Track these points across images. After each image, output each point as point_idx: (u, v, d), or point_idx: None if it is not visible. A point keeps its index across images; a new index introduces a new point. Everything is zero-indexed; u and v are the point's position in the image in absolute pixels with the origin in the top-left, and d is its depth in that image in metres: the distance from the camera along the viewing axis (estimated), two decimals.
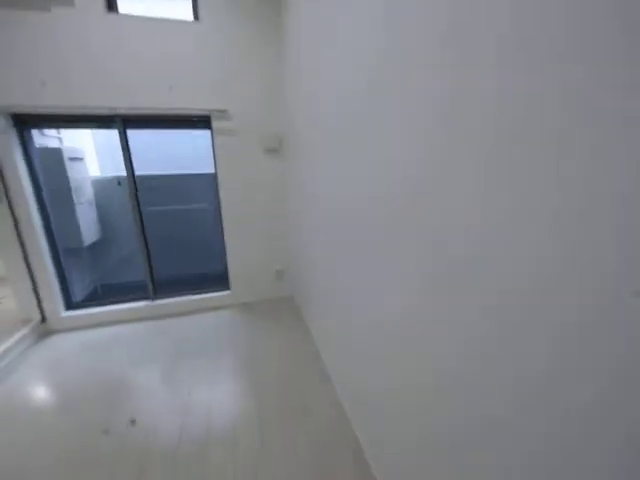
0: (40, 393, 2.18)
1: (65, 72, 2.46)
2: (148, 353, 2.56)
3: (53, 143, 3.10)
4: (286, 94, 2.85)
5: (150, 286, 3.17)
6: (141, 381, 2.25)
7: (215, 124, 2.84)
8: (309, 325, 2.83)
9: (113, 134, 2.75)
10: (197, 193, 3.58)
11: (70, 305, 3.06)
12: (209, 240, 3.48)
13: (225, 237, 3.18)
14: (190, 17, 2.71)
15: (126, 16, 2.53)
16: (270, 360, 2.42)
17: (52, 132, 3.08)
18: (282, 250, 3.39)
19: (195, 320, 3.08)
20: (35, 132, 2.73)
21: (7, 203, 2.56)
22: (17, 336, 2.61)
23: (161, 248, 3.31)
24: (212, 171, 3.05)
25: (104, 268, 3.69)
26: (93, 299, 3.22)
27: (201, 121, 2.86)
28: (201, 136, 3.04)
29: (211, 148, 2.97)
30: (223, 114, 2.82)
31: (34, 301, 2.83)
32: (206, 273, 3.60)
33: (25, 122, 2.56)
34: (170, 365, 2.40)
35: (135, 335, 2.83)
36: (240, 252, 3.25)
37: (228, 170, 3.00)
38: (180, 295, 3.27)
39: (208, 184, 3.23)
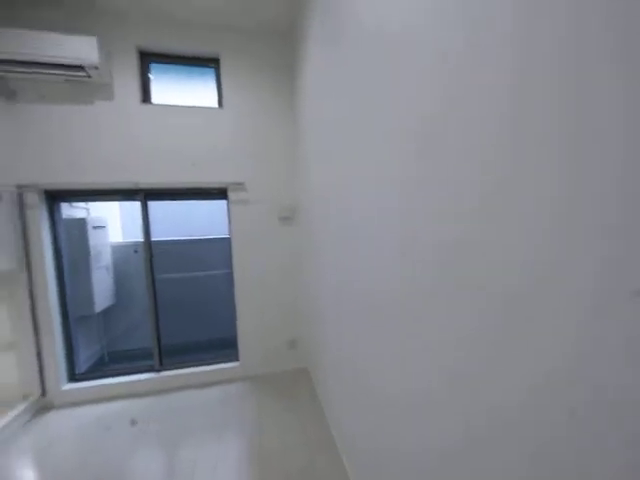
0: None
1: (97, 152, 2.69)
2: (150, 435, 2.32)
3: (80, 213, 3.29)
4: (298, 170, 3.01)
5: (156, 355, 3.03)
6: (140, 471, 1.99)
7: (231, 195, 2.97)
8: (322, 402, 2.55)
9: (136, 204, 2.90)
10: (211, 258, 3.62)
11: (73, 377, 2.92)
12: (220, 307, 3.40)
13: (236, 304, 3.10)
14: (215, 105, 3.02)
15: (158, 105, 2.84)
16: (279, 445, 2.14)
17: (80, 203, 3.28)
18: (295, 319, 3.24)
19: (201, 395, 2.85)
20: (64, 204, 2.90)
21: (27, 273, 2.62)
22: (11, 414, 2.45)
23: (171, 315, 3.24)
24: (227, 236, 3.10)
25: (113, 334, 3.61)
26: (99, 368, 3.08)
27: (218, 192, 3.00)
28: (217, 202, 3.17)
29: (226, 214, 3.06)
30: (239, 186, 2.96)
31: (36, 372, 2.72)
32: (215, 342, 3.44)
33: (55, 197, 2.75)
34: (173, 448, 2.16)
35: (138, 413, 2.61)
36: (250, 320, 3.13)
37: (242, 238, 3.05)
38: (187, 366, 3.08)
39: (222, 249, 3.26)
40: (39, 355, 2.72)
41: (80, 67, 2.43)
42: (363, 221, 1.42)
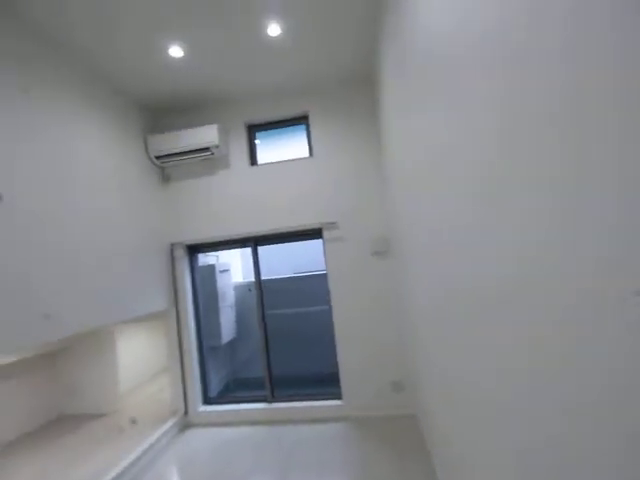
0: None
1: (219, 211, 3.34)
2: (262, 463, 2.51)
3: (211, 260, 4.05)
4: (388, 205, 3.00)
5: (268, 386, 3.30)
6: None
7: (326, 234, 3.16)
8: (432, 455, 2.23)
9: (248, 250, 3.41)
10: (315, 293, 3.83)
11: (207, 400, 3.44)
12: (323, 343, 3.50)
13: (336, 341, 3.14)
14: (306, 154, 3.38)
15: (262, 165, 3.37)
16: None
17: (210, 252, 4.06)
18: (398, 359, 3.04)
19: (308, 431, 2.91)
20: (201, 255, 3.64)
21: (175, 310, 3.35)
22: (164, 428, 3.03)
23: (280, 348, 3.52)
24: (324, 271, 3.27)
25: (236, 364, 4.13)
26: (225, 394, 3.55)
27: (315, 232, 3.24)
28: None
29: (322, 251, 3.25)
30: (332, 225, 3.13)
31: (181, 394, 3.32)
32: (320, 377, 3.52)
33: (193, 249, 3.49)
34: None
35: (253, 442, 2.85)
36: (350, 358, 3.10)
37: (338, 274, 3.15)
38: (294, 400, 3.23)
39: (322, 284, 3.44)
40: (183, 378, 3.33)
41: (207, 148, 3.14)
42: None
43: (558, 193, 0.57)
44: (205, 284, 3.66)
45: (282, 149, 3.55)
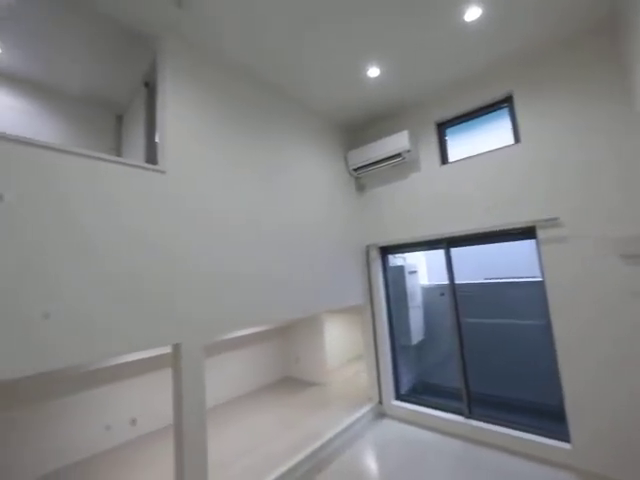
0: (365, 474, 2.59)
1: (410, 214, 3.41)
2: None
3: (399, 262, 4.20)
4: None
5: (465, 400, 3.06)
6: None
7: (541, 233, 2.60)
8: None
9: (439, 252, 3.30)
10: (518, 304, 3.25)
11: (398, 395, 3.58)
12: (535, 365, 2.90)
13: (559, 366, 2.52)
14: (509, 142, 2.91)
15: (453, 163, 3.18)
16: None
17: (399, 255, 4.21)
18: None
19: (516, 465, 2.49)
20: (390, 256, 3.86)
21: (370, 306, 3.69)
22: (363, 410, 3.39)
23: (477, 362, 3.19)
24: (536, 279, 2.70)
25: (423, 367, 4.08)
26: (413, 394, 3.59)
27: (522, 232, 2.74)
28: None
29: (531, 255, 2.69)
30: (552, 222, 2.54)
31: (376, 384, 3.61)
32: (534, 405, 2.92)
33: (385, 251, 3.72)
34: None
35: (447, 453, 2.73)
36: (585, 392, 2.39)
37: (561, 283, 2.52)
38: (499, 423, 2.84)
39: (532, 294, 2.85)
40: (378, 369, 3.61)
41: (398, 154, 3.29)
42: None
43: None
44: (395, 284, 3.83)
45: (474, 143, 3.23)
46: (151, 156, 2.67)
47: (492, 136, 3.10)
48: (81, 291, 1.63)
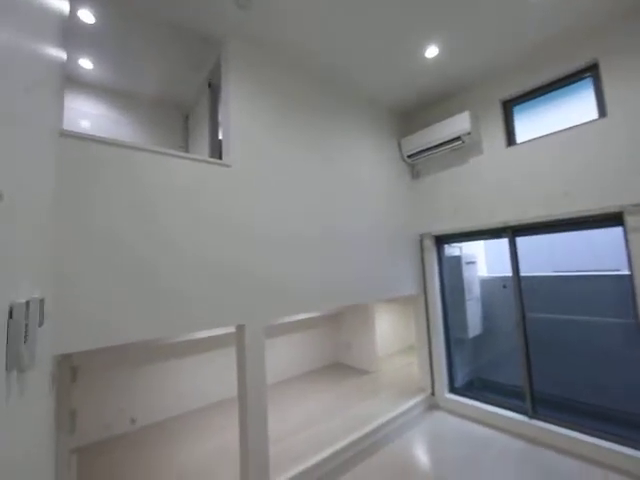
0: (416, 468, 2.59)
1: (470, 201, 3.21)
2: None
3: (455, 252, 4.00)
4: None
5: (528, 399, 2.86)
6: None
7: (631, 220, 2.28)
8: None
9: (501, 241, 3.07)
10: (597, 299, 2.91)
11: (452, 389, 3.48)
12: (615, 368, 2.60)
13: None
14: (592, 117, 2.56)
15: (522, 144, 2.90)
16: None
17: (455, 245, 4.00)
18: None
19: (586, 473, 2.28)
20: (446, 246, 3.70)
21: (424, 296, 3.59)
22: (415, 400, 3.36)
23: (544, 360, 2.95)
24: (619, 272, 2.39)
25: (481, 362, 3.88)
26: (469, 389, 3.46)
27: (604, 219, 2.43)
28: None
29: (614, 245, 2.38)
30: None
31: (428, 375, 3.55)
32: (614, 413, 2.64)
33: (440, 240, 3.58)
34: None
35: (507, 453, 2.60)
36: None
37: None
38: (568, 427, 2.62)
39: (616, 289, 2.53)
40: (430, 361, 3.54)
41: (457, 138, 3.10)
42: None
43: None
44: (451, 275, 3.67)
45: (545, 122, 2.89)
46: (214, 151, 2.88)
47: (568, 112, 2.76)
48: (170, 275, 1.88)
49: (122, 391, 3.16)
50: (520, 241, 2.99)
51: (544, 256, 3.79)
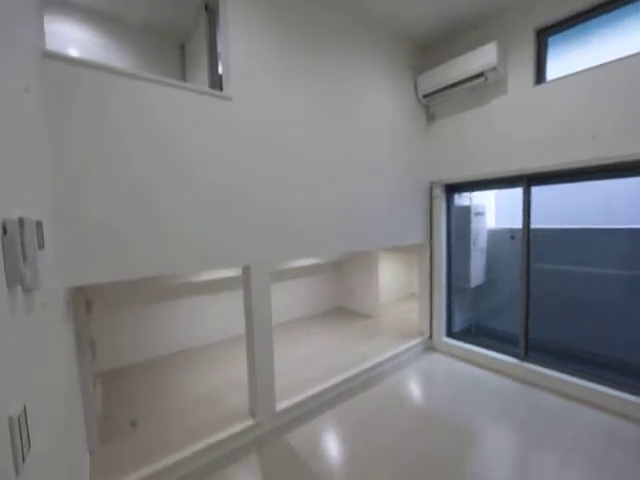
0: (410, 399, 2.80)
1: (486, 147, 3.01)
2: (507, 419, 2.41)
3: (465, 202, 3.89)
4: None
5: (522, 344, 2.99)
6: (488, 446, 2.17)
7: None
8: None
9: (514, 190, 2.95)
10: (605, 253, 2.87)
11: (450, 333, 3.65)
12: (615, 317, 2.65)
13: None
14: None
15: (552, 82, 2.61)
16: None
17: (465, 194, 3.87)
18: None
19: (575, 411, 2.45)
20: (456, 196, 3.58)
21: (429, 246, 3.59)
22: (413, 342, 3.55)
23: (543, 309, 3.02)
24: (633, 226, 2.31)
25: (480, 310, 4.01)
26: (466, 335, 3.62)
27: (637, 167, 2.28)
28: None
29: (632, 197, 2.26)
30: None
31: (427, 320, 3.69)
32: (606, 357, 2.76)
33: (451, 189, 3.45)
34: (522, 450, 2.12)
35: (497, 391, 2.78)
36: None
37: None
38: (556, 369, 2.77)
39: (627, 243, 2.48)
40: (431, 307, 3.65)
41: (480, 74, 2.80)
42: None
43: None
44: (459, 225, 3.62)
45: (583, 56, 2.56)
46: (214, 83, 2.67)
47: (615, 42, 2.43)
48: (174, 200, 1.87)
49: (136, 325, 3.38)
50: (535, 191, 2.87)
51: (556, 208, 3.67)
